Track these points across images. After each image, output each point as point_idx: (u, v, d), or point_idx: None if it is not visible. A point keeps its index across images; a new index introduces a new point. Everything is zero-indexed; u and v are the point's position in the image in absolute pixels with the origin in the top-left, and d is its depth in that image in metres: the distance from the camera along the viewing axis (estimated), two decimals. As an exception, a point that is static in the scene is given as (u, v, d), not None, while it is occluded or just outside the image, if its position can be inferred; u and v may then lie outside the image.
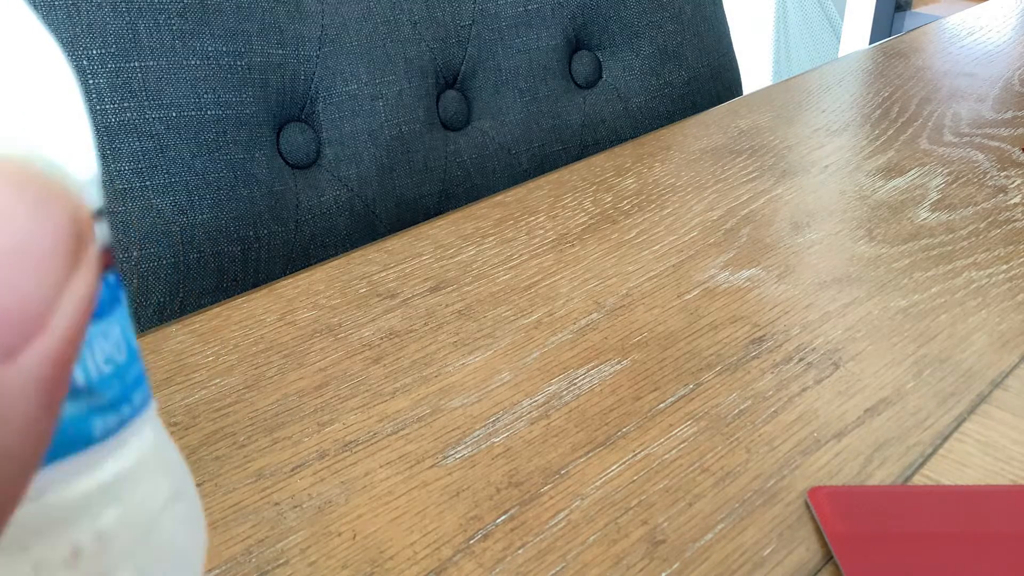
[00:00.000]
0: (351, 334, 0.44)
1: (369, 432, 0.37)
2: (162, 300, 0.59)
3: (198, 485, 0.35)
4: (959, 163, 0.62)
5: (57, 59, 0.13)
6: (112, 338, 0.13)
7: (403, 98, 0.69)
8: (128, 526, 0.14)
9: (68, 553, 0.13)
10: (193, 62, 0.58)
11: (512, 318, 0.45)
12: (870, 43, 2.09)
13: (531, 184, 0.60)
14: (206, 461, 0.36)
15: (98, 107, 0.55)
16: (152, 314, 0.59)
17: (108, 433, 0.13)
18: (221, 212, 0.60)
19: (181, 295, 0.60)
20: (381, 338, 0.44)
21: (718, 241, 0.52)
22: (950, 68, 0.82)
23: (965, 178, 0.60)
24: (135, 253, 0.57)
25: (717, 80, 0.87)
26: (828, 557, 0.31)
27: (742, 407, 0.39)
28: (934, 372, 0.41)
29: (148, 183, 0.57)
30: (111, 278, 0.13)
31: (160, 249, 0.58)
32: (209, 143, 0.59)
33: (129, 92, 0.56)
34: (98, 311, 0.13)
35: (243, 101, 0.61)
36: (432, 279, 0.49)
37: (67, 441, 0.12)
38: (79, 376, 0.13)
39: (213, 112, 0.59)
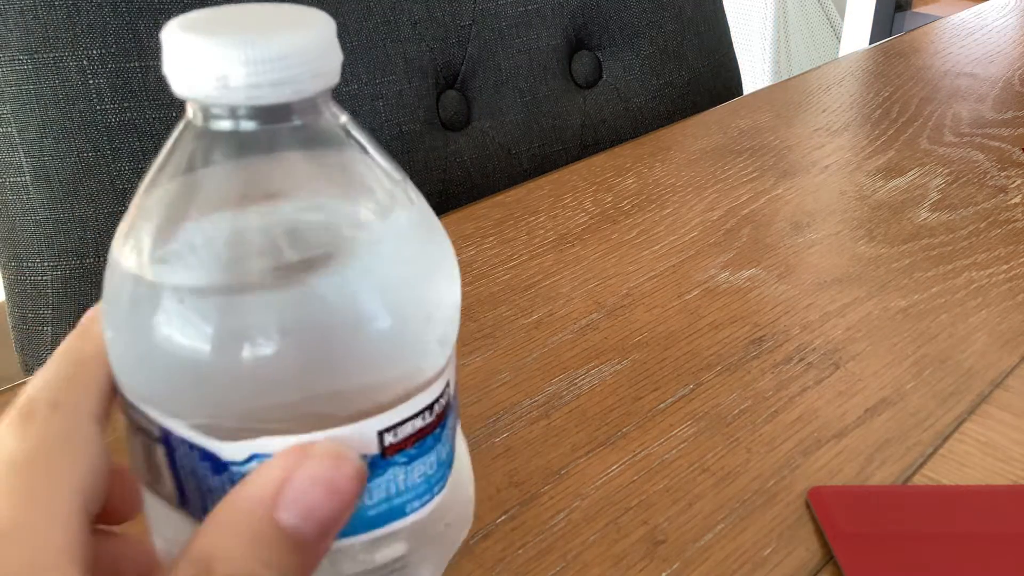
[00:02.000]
0: (351, 334, 0.44)
1: (369, 432, 0.37)
2: (162, 300, 0.59)
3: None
4: (959, 163, 0.62)
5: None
6: (428, 464, 0.23)
7: (403, 98, 0.69)
8: (420, 543, 0.24)
9: (375, 565, 0.23)
10: (193, 62, 0.58)
11: (512, 318, 0.45)
12: (870, 43, 2.09)
13: (531, 184, 0.60)
14: (206, 461, 0.36)
15: (98, 107, 0.55)
16: (152, 314, 0.59)
17: (415, 509, 0.23)
18: (221, 212, 0.60)
19: (181, 295, 0.60)
20: (381, 338, 0.44)
21: (718, 241, 0.52)
22: (950, 68, 0.82)
23: (965, 178, 0.60)
24: (135, 253, 0.57)
25: (717, 80, 0.87)
26: (828, 557, 0.31)
27: (742, 407, 0.39)
28: (934, 372, 0.41)
29: (148, 183, 0.57)
30: (439, 431, 0.23)
31: (160, 249, 0.58)
32: (209, 143, 0.59)
33: (129, 92, 0.56)
34: (420, 452, 0.23)
35: (243, 101, 0.61)
36: (432, 279, 0.49)
37: (390, 515, 0.23)
38: (403, 482, 0.23)
39: (213, 112, 0.59)
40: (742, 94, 0.89)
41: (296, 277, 0.20)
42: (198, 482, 0.21)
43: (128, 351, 0.21)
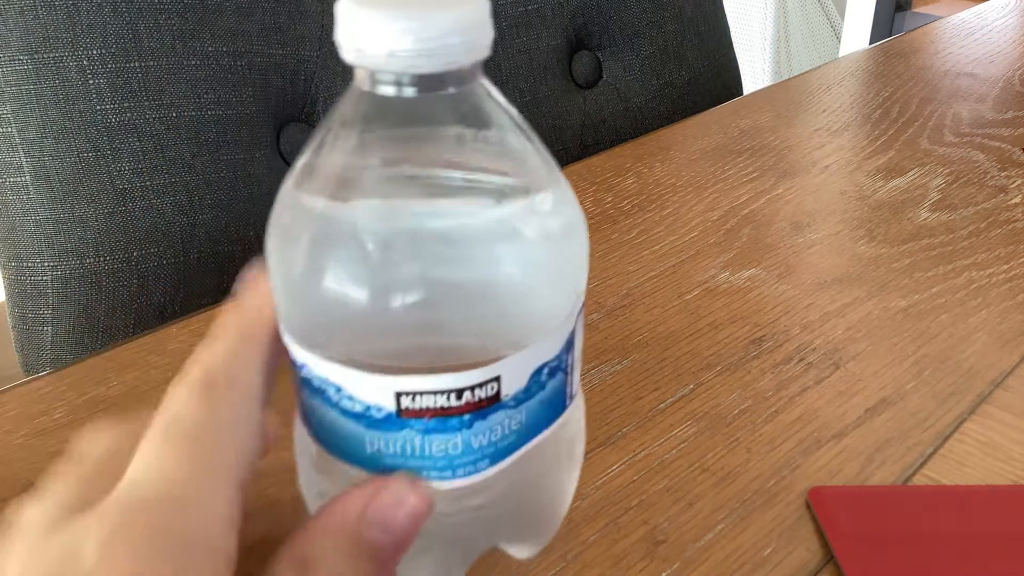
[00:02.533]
0: (351, 334, 0.44)
1: (369, 432, 0.37)
2: (163, 300, 0.59)
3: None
4: (959, 163, 0.62)
5: None
6: (450, 443, 0.24)
7: (403, 98, 0.69)
8: (438, 516, 0.25)
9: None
10: (193, 62, 0.58)
11: (512, 318, 0.45)
12: (870, 43, 2.09)
13: (531, 184, 0.60)
14: (206, 461, 0.36)
15: (98, 107, 0.55)
16: (153, 314, 0.59)
17: (430, 479, 0.25)
18: (221, 212, 0.60)
19: (182, 295, 0.60)
20: (381, 338, 0.44)
21: (718, 241, 0.52)
22: (950, 68, 0.82)
23: (965, 178, 0.60)
24: (135, 253, 0.57)
25: (717, 80, 0.87)
26: (828, 557, 0.31)
27: (742, 407, 0.39)
28: (934, 372, 0.41)
29: (148, 183, 0.57)
30: (471, 419, 0.24)
31: (160, 249, 0.58)
32: (209, 143, 0.59)
33: (129, 92, 0.56)
34: (440, 428, 0.24)
35: (243, 101, 0.61)
36: (432, 279, 0.49)
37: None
38: (418, 448, 0.24)
39: (213, 112, 0.59)
40: (742, 94, 0.89)
41: (419, 230, 0.24)
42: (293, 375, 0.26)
43: (278, 279, 0.25)
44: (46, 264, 0.57)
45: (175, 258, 0.59)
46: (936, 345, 0.43)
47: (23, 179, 0.55)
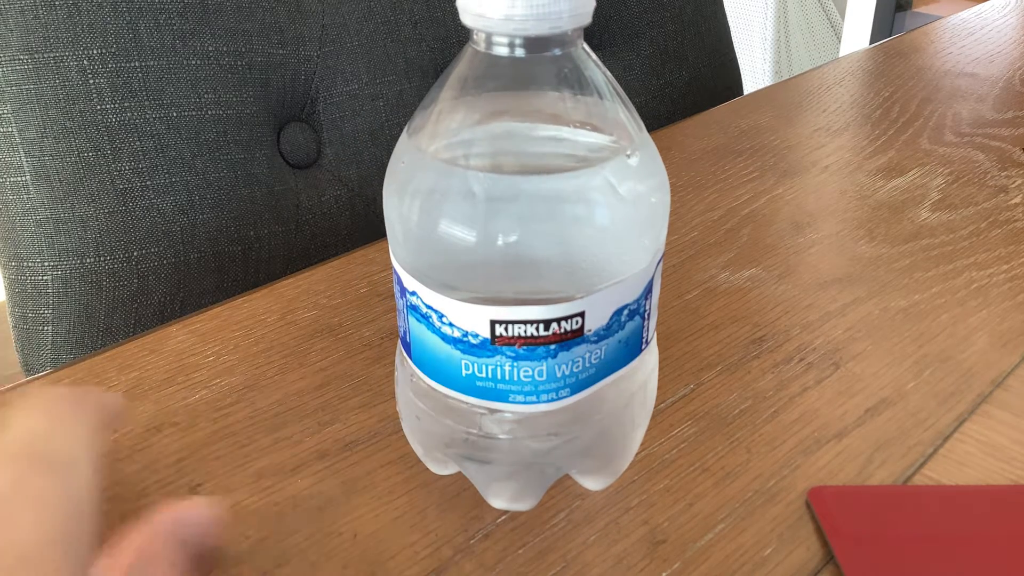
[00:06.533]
0: (352, 334, 0.44)
1: (370, 432, 0.37)
2: (163, 300, 0.59)
3: (198, 485, 0.35)
4: (960, 163, 0.62)
5: None
6: (535, 370, 0.27)
7: (403, 98, 0.69)
8: (523, 441, 0.29)
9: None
10: (193, 62, 0.58)
11: (512, 318, 0.45)
12: (870, 43, 2.09)
13: (531, 184, 0.60)
14: (207, 461, 0.36)
15: (98, 107, 0.55)
16: (153, 314, 0.59)
17: (516, 402, 0.28)
18: (222, 212, 0.60)
19: (182, 295, 0.60)
20: (382, 338, 0.44)
21: (718, 241, 0.52)
22: (950, 68, 0.82)
23: (966, 178, 0.60)
24: (135, 253, 0.57)
25: (717, 80, 0.87)
26: (828, 557, 0.31)
27: (742, 407, 0.39)
28: (935, 372, 0.41)
29: (148, 183, 0.57)
30: (556, 348, 0.27)
31: (161, 249, 0.58)
32: (209, 143, 0.59)
33: (129, 92, 0.56)
34: (528, 356, 0.27)
35: (243, 101, 0.61)
36: (432, 279, 0.49)
37: (495, 395, 0.28)
38: (508, 374, 0.27)
39: (213, 112, 0.59)
40: (742, 94, 0.89)
41: (520, 180, 0.26)
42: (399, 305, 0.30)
43: (395, 220, 0.28)
44: (46, 264, 0.57)
45: (175, 258, 0.59)
46: (936, 345, 0.43)
47: (23, 179, 0.55)
